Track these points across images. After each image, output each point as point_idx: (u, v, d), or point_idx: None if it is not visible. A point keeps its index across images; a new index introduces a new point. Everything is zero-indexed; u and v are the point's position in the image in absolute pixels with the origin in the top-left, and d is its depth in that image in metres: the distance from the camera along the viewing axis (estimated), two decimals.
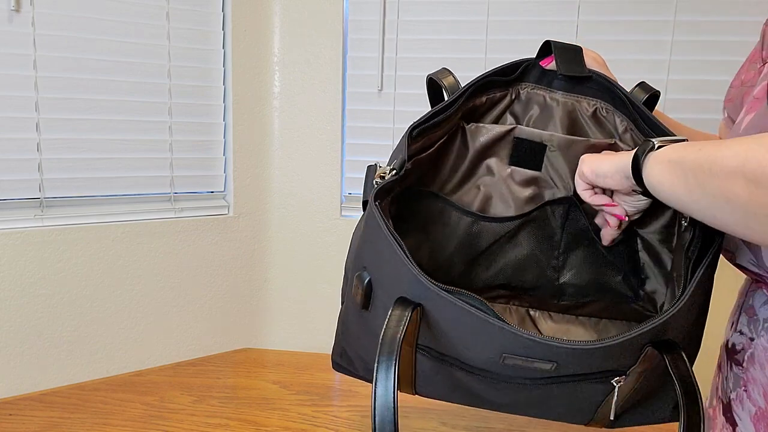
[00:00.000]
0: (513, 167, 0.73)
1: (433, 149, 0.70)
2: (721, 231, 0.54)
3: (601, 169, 0.59)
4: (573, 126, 0.71)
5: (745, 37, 1.31)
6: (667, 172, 0.50)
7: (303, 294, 1.55)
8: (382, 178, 0.62)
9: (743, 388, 0.59)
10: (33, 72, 1.21)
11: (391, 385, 0.49)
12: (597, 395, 0.59)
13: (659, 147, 0.52)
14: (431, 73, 0.71)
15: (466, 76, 1.60)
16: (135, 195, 1.37)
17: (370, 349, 0.64)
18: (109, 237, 1.31)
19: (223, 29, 1.43)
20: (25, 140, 1.22)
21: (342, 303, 0.72)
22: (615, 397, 0.57)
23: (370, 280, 0.59)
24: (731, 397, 0.61)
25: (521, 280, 0.76)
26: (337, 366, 0.76)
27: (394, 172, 0.63)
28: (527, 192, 0.74)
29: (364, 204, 0.65)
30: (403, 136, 0.66)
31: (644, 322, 0.52)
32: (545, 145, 0.71)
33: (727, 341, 0.64)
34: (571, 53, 0.69)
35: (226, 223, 1.47)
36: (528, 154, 0.72)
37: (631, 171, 0.54)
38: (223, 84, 1.45)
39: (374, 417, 0.48)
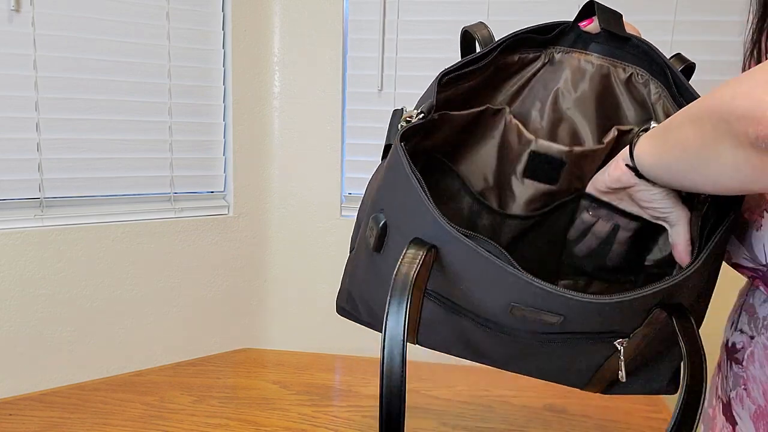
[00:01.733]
0: (526, 179, 0.71)
1: (462, 114, 0.67)
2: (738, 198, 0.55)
3: (605, 171, 0.62)
4: (605, 92, 0.69)
5: (745, 37, 1.31)
6: (650, 139, 0.53)
7: (303, 294, 1.55)
8: (408, 121, 0.61)
9: (743, 386, 0.59)
10: (33, 72, 1.21)
11: (402, 320, 0.48)
12: (597, 357, 0.59)
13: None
14: (467, 25, 0.69)
15: None
16: (135, 195, 1.37)
17: (376, 293, 0.64)
18: (109, 237, 1.31)
19: (223, 29, 1.43)
20: (25, 140, 1.22)
21: (351, 250, 0.71)
22: (622, 357, 0.56)
23: (385, 223, 0.58)
24: (731, 396, 0.61)
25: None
26: (342, 310, 0.75)
27: (422, 115, 0.61)
28: (539, 198, 0.72)
29: (386, 149, 0.64)
30: (432, 83, 0.63)
31: (657, 282, 0.51)
32: (564, 162, 0.69)
33: (727, 340, 0.64)
34: (614, 15, 0.68)
35: (226, 223, 1.47)
36: (544, 169, 0.70)
37: (629, 151, 0.56)
38: (223, 84, 1.45)
39: (383, 351, 0.47)
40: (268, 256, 1.55)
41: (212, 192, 1.48)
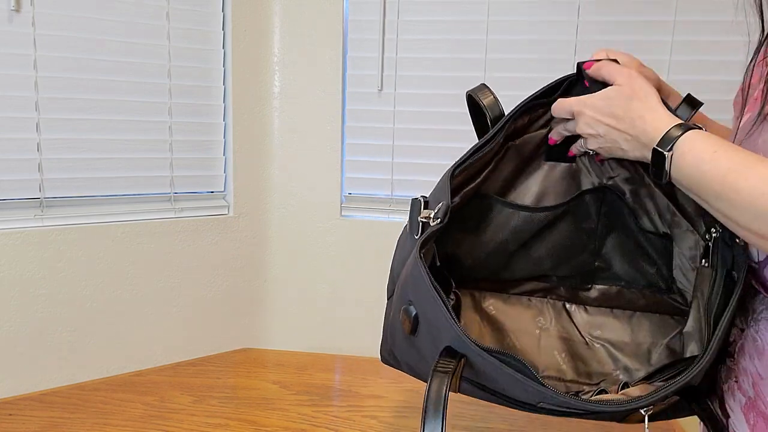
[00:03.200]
0: (549, 162, 0.74)
1: (480, 179, 0.71)
2: (743, 272, 0.57)
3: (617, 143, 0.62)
4: None
5: (745, 37, 1.31)
6: (702, 142, 0.53)
7: (303, 294, 1.55)
8: (427, 218, 0.63)
9: (734, 379, 0.60)
10: (33, 72, 1.21)
11: None
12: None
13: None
14: (470, 89, 0.70)
15: (466, 76, 1.58)
16: (135, 195, 1.37)
17: (415, 361, 0.68)
18: (109, 237, 1.31)
19: (223, 29, 1.43)
20: (25, 140, 1.22)
21: (388, 298, 0.74)
22: (646, 424, 0.59)
23: (416, 314, 0.62)
24: (723, 389, 0.62)
25: (560, 268, 0.78)
26: (386, 360, 0.79)
27: (438, 220, 0.62)
28: (564, 183, 0.75)
29: (410, 224, 0.67)
30: (444, 177, 0.66)
31: (669, 381, 0.54)
32: (578, 135, 0.71)
33: None
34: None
35: (226, 223, 1.47)
36: (561, 147, 0.72)
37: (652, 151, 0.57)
38: (223, 84, 1.45)
39: None
40: (268, 256, 1.55)
41: (212, 192, 1.48)
